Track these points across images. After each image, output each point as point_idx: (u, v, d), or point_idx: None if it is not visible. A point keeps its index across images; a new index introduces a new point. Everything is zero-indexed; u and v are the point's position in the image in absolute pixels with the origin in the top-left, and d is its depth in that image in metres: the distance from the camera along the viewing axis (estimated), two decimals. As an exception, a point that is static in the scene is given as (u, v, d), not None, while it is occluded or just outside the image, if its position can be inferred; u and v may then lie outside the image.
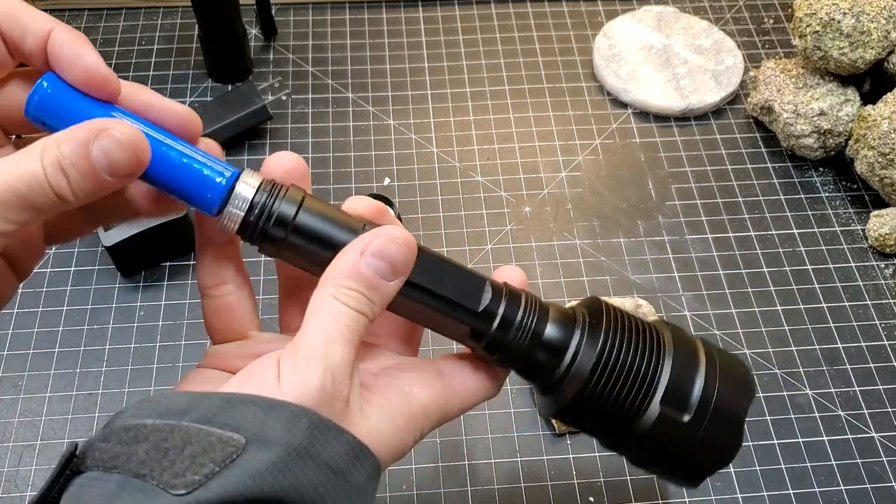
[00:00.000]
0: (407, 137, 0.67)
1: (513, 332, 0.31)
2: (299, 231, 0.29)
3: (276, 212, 0.29)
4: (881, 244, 0.61)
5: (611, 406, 0.31)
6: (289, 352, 0.28)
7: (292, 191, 0.30)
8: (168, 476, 0.24)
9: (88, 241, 0.60)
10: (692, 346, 0.33)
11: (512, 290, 0.32)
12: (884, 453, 0.52)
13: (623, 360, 0.31)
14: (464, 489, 0.50)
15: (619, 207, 0.64)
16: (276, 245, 0.30)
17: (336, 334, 0.28)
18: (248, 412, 0.26)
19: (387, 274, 0.29)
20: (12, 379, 0.54)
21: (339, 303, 0.28)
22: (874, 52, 0.61)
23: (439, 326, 0.32)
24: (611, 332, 0.32)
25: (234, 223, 0.29)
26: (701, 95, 0.69)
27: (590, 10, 0.77)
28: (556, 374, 0.32)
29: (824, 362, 0.56)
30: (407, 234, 0.30)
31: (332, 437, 0.26)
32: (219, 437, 0.25)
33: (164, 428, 0.25)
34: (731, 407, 0.32)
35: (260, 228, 0.29)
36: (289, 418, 0.26)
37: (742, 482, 0.51)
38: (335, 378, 0.27)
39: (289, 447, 0.25)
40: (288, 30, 0.74)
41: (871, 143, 0.60)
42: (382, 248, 0.29)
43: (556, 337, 0.32)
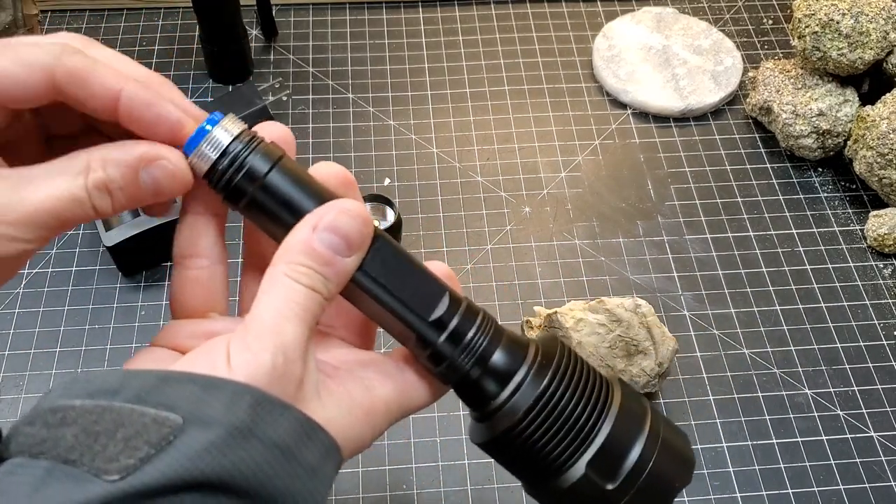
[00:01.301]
0: (407, 138, 0.67)
1: (460, 348, 0.30)
2: (267, 189, 0.28)
3: (247, 164, 0.28)
4: (880, 244, 0.61)
5: (537, 452, 0.30)
6: (240, 332, 0.26)
7: (271, 147, 0.29)
8: (100, 461, 0.23)
9: (90, 242, 0.60)
10: (640, 412, 0.31)
11: (471, 306, 0.31)
12: (882, 453, 0.52)
13: (563, 406, 0.29)
14: (463, 488, 0.50)
15: (618, 207, 0.64)
16: (240, 199, 0.28)
17: (288, 312, 0.26)
18: (185, 391, 0.24)
19: (342, 249, 0.28)
20: (14, 378, 0.54)
21: (291, 280, 0.27)
22: (873, 53, 0.61)
23: (387, 324, 0.30)
24: (557, 376, 0.30)
25: (203, 164, 0.28)
26: (700, 96, 0.69)
27: (589, 10, 0.77)
28: (492, 404, 0.30)
29: (823, 362, 0.56)
30: (361, 207, 0.28)
31: (278, 413, 0.25)
32: (153, 417, 0.23)
33: (95, 409, 0.24)
34: (661, 485, 0.30)
35: (227, 177, 0.28)
36: (230, 396, 0.24)
37: (741, 481, 0.51)
38: (287, 356, 0.26)
39: (230, 426, 0.24)
40: (288, 30, 0.75)
41: (870, 143, 0.60)
42: (335, 222, 0.28)
43: (502, 366, 0.30)
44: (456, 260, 0.60)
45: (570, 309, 0.52)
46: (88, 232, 0.61)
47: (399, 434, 0.52)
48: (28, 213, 0.26)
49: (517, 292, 0.59)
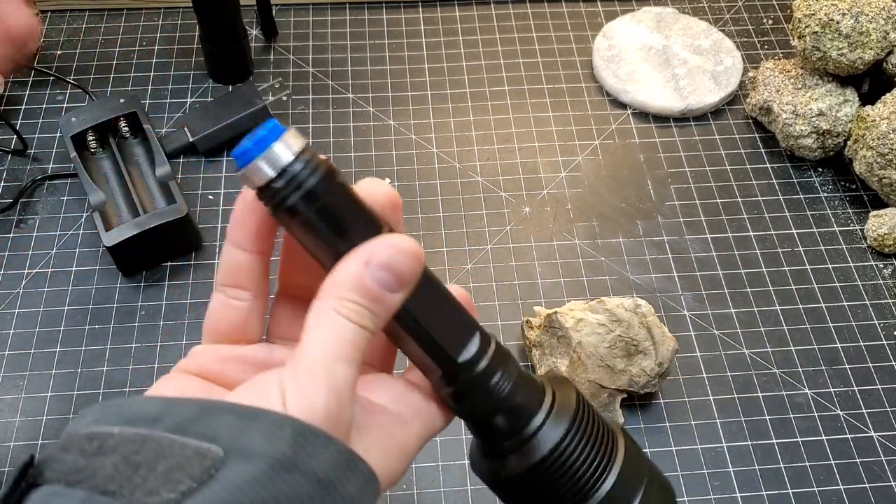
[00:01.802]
0: (407, 138, 0.67)
1: (483, 391, 0.30)
2: (322, 213, 0.27)
3: (305, 185, 0.27)
4: (880, 244, 0.61)
5: (546, 497, 0.30)
6: (290, 370, 0.26)
7: (330, 167, 0.27)
8: (140, 494, 0.22)
9: (89, 242, 0.60)
10: (641, 462, 0.32)
11: (499, 348, 0.31)
12: (882, 453, 0.52)
13: (577, 456, 0.30)
14: (463, 489, 0.50)
15: (618, 207, 0.64)
16: (292, 218, 0.27)
17: (339, 351, 0.26)
18: (224, 421, 0.24)
19: (392, 286, 0.27)
20: (13, 379, 0.54)
21: (341, 317, 0.26)
22: (873, 53, 0.61)
23: (415, 356, 0.30)
24: (575, 423, 0.30)
25: (258, 180, 0.27)
26: (700, 96, 0.69)
27: (589, 10, 0.77)
28: (504, 445, 0.30)
29: (823, 362, 0.56)
30: (415, 245, 0.28)
31: (321, 445, 0.25)
32: (195, 448, 0.23)
33: (135, 438, 0.23)
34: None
35: (282, 196, 0.27)
36: (270, 427, 0.24)
37: (741, 482, 0.51)
38: (340, 399, 0.26)
39: (271, 459, 0.23)
40: (288, 30, 0.75)
41: (870, 143, 0.60)
42: (390, 260, 0.27)
43: (520, 409, 0.30)
44: (456, 260, 0.60)
45: (570, 309, 0.52)
46: (88, 232, 0.61)
47: (399, 434, 0.52)
48: None
49: (517, 292, 0.59)
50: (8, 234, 0.60)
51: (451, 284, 0.31)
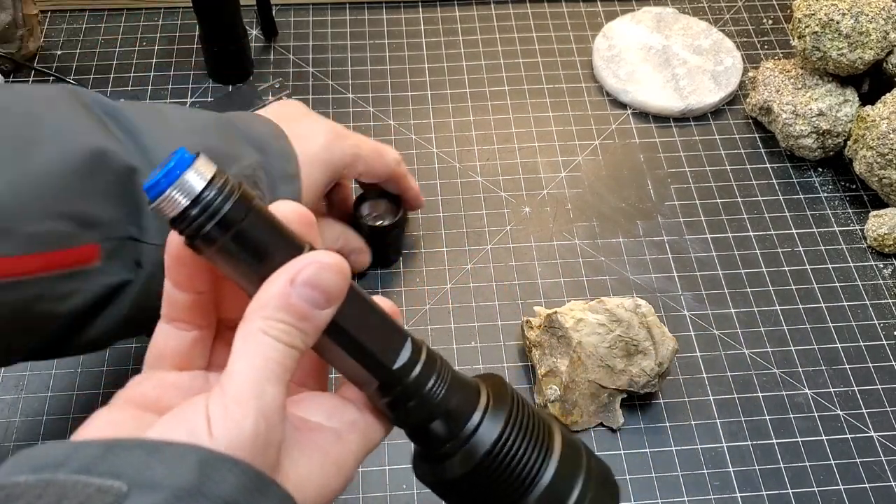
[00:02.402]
0: (407, 138, 0.67)
1: (418, 398, 0.30)
2: (239, 238, 0.27)
3: (220, 212, 0.26)
4: (880, 244, 0.61)
5: (488, 495, 0.31)
6: (217, 395, 0.26)
7: (244, 192, 0.27)
8: None
9: (89, 242, 0.60)
10: (577, 452, 0.32)
11: (430, 353, 0.31)
12: (882, 453, 0.52)
13: (514, 452, 0.30)
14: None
15: (618, 208, 0.64)
16: (210, 246, 0.27)
17: (267, 373, 0.26)
18: (130, 457, 0.24)
19: (319, 303, 0.27)
20: (13, 379, 0.54)
21: (269, 338, 0.26)
22: (873, 53, 0.61)
23: (347, 371, 0.30)
24: (510, 421, 0.31)
25: (171, 209, 0.26)
26: (700, 96, 0.69)
27: (589, 10, 0.77)
28: (444, 447, 0.31)
29: (823, 362, 0.56)
30: (340, 260, 0.27)
31: (227, 470, 0.24)
32: (97, 486, 0.22)
33: (38, 483, 0.23)
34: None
35: (197, 224, 0.26)
36: (173, 458, 0.24)
37: (741, 482, 0.51)
38: (268, 422, 0.25)
39: (175, 488, 0.23)
40: (288, 30, 0.75)
41: (870, 143, 0.60)
42: (315, 277, 0.27)
43: (458, 413, 0.31)
44: (456, 260, 0.60)
45: (570, 309, 0.52)
46: (88, 232, 0.61)
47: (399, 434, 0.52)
48: None
49: (517, 292, 0.59)
50: (8, 234, 0.60)
51: (378, 297, 0.31)
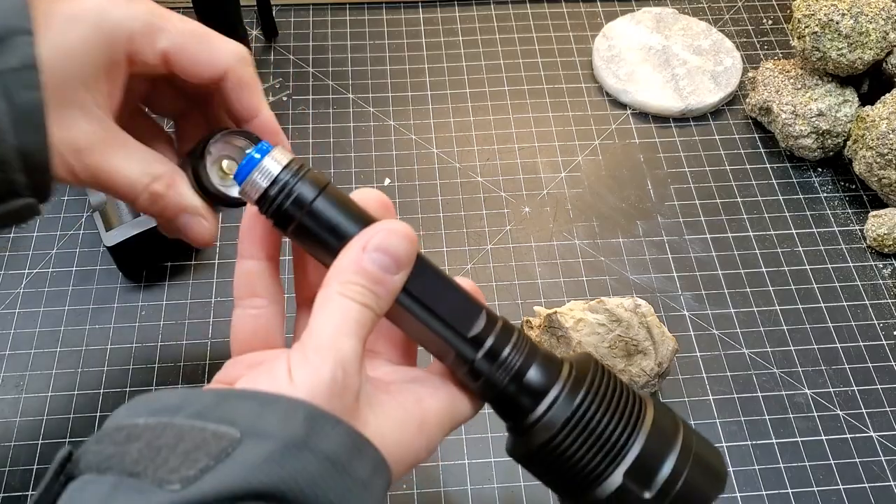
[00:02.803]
0: (407, 138, 0.68)
1: (496, 365, 0.31)
2: (314, 214, 0.30)
3: (295, 191, 0.30)
4: (879, 244, 0.61)
5: (574, 464, 0.31)
6: (298, 348, 0.28)
7: (318, 175, 0.31)
8: (162, 472, 0.24)
9: (90, 242, 0.60)
10: (672, 426, 0.32)
11: (506, 324, 0.32)
12: (882, 453, 0.52)
13: (598, 421, 0.31)
14: (463, 488, 0.50)
15: (618, 208, 0.64)
16: (288, 224, 0.31)
17: (344, 327, 0.28)
18: (244, 407, 0.25)
19: (390, 267, 0.29)
20: (14, 378, 0.54)
21: (345, 298, 0.28)
22: (872, 53, 0.61)
23: (427, 342, 0.32)
24: (592, 391, 0.31)
25: (255, 191, 0.30)
26: (700, 96, 0.69)
27: (589, 11, 0.77)
28: (528, 419, 0.31)
29: (823, 362, 0.56)
30: (408, 228, 0.30)
31: (331, 427, 0.26)
32: (213, 431, 0.25)
33: (157, 426, 0.25)
34: (696, 493, 0.31)
35: (277, 203, 0.30)
36: (285, 410, 0.26)
37: (741, 481, 0.51)
38: (346, 370, 0.27)
39: (285, 439, 0.25)
40: (288, 31, 0.75)
41: (870, 143, 0.60)
42: (384, 243, 0.29)
43: (538, 382, 0.31)
44: (456, 260, 0.60)
45: (569, 309, 0.52)
46: (89, 232, 0.61)
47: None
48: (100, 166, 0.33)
49: (517, 292, 0.59)
50: (8, 235, 0.61)
51: (460, 277, 0.33)
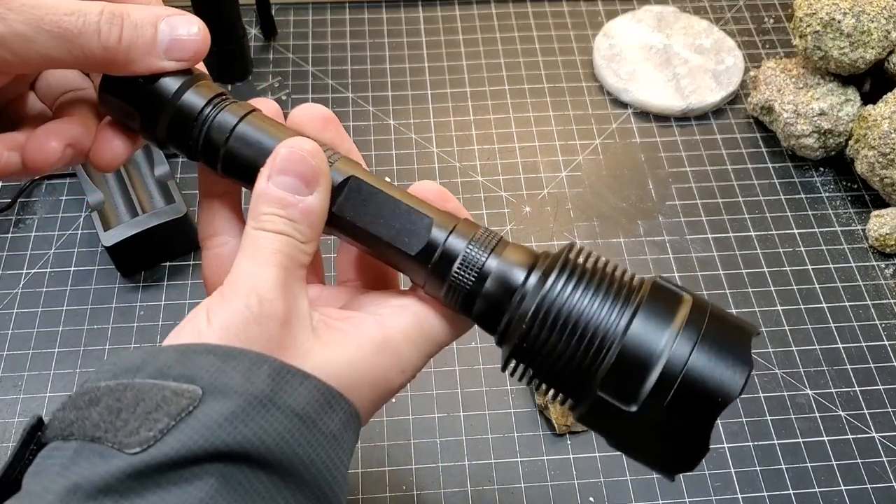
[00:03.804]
0: (407, 137, 0.67)
1: (458, 264, 0.29)
2: (236, 141, 0.29)
3: (216, 122, 0.29)
4: (881, 244, 0.61)
5: (559, 356, 0.27)
6: (218, 290, 0.27)
7: (242, 104, 0.30)
8: (122, 435, 0.23)
9: (88, 242, 0.60)
10: (674, 295, 0.28)
11: (466, 223, 0.30)
12: (884, 453, 0.52)
13: (577, 302, 0.27)
14: (464, 489, 0.50)
15: (619, 207, 0.64)
16: (215, 158, 0.30)
17: (260, 259, 0.27)
18: (205, 362, 0.25)
19: (299, 188, 0.28)
20: (12, 379, 0.54)
21: (259, 231, 0.27)
22: (874, 52, 0.61)
23: (386, 258, 0.30)
24: (566, 272, 0.28)
25: None
26: (701, 95, 0.69)
27: (590, 9, 0.77)
28: (504, 320, 0.28)
29: (825, 362, 0.56)
30: (308, 143, 0.28)
31: (297, 382, 0.25)
32: (173, 389, 0.24)
33: (117, 388, 0.24)
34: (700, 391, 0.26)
35: (201, 137, 0.29)
36: (248, 366, 0.25)
37: (742, 482, 0.51)
38: (261, 297, 0.26)
39: (249, 395, 0.24)
40: (288, 30, 0.74)
41: (872, 142, 0.60)
42: (284, 164, 0.28)
43: (508, 276, 0.28)
44: (456, 260, 0.60)
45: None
46: (87, 232, 0.60)
47: (399, 435, 0.52)
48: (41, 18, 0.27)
49: (517, 292, 0.59)
50: (6, 234, 0.60)
51: (423, 182, 0.32)
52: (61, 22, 0.27)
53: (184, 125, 0.30)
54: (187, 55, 0.29)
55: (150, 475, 0.23)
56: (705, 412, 0.26)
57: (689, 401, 0.26)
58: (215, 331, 0.26)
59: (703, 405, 0.26)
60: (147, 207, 0.58)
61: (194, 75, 0.30)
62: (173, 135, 0.30)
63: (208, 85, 0.30)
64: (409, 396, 0.53)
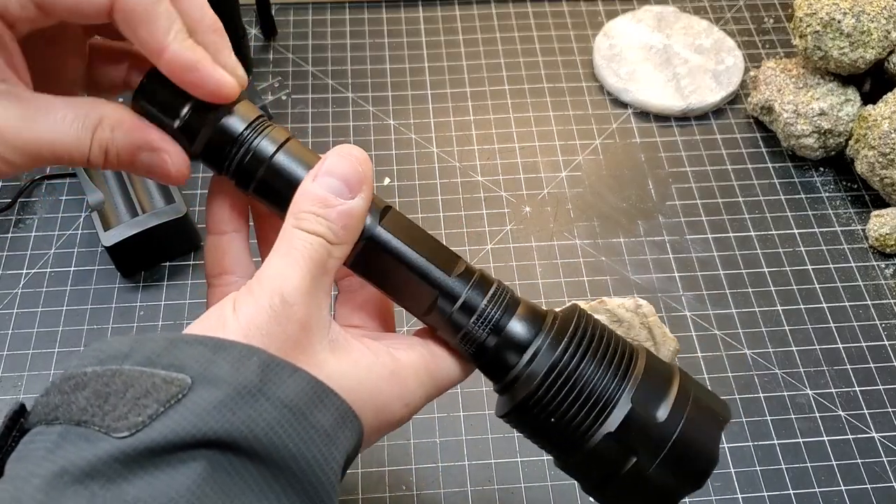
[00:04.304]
0: (407, 137, 0.67)
1: (475, 317, 0.30)
2: (273, 168, 0.29)
3: (254, 147, 0.29)
4: (881, 244, 0.61)
5: (561, 417, 0.29)
6: (247, 284, 0.27)
7: (280, 130, 0.30)
8: (110, 420, 0.23)
9: (88, 242, 0.60)
10: (667, 373, 0.31)
11: (485, 275, 0.31)
12: (884, 453, 0.52)
13: (582, 371, 0.29)
14: (464, 489, 0.50)
15: (619, 207, 0.64)
16: (249, 182, 0.30)
17: (290, 259, 0.27)
18: (195, 352, 0.25)
19: (342, 191, 0.28)
20: (12, 379, 0.54)
21: (296, 230, 0.28)
22: (874, 52, 0.61)
23: (402, 294, 0.31)
24: (575, 341, 0.30)
25: None
26: (701, 95, 0.69)
27: (590, 9, 0.77)
28: (510, 375, 0.30)
29: (825, 362, 0.56)
30: (357, 149, 0.29)
31: (287, 375, 0.25)
32: (162, 377, 0.24)
33: (105, 373, 0.24)
34: (698, 434, 0.30)
35: (237, 160, 0.29)
36: (237, 357, 0.25)
37: (742, 482, 0.50)
38: (285, 298, 0.26)
39: (238, 385, 0.24)
40: (288, 30, 0.74)
41: (872, 142, 0.60)
42: (331, 165, 0.28)
43: (519, 334, 0.30)
44: (456, 260, 0.60)
45: (570, 309, 0.52)
46: (87, 232, 0.60)
47: (399, 435, 0.52)
48: (32, 141, 0.28)
49: (518, 292, 0.59)
50: (6, 234, 0.60)
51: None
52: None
53: (222, 145, 0.30)
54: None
55: (137, 460, 0.23)
56: (690, 469, 0.30)
57: (680, 458, 0.29)
58: (240, 323, 0.26)
59: (691, 463, 0.30)
60: (147, 207, 0.58)
61: None
62: (209, 153, 0.30)
63: (247, 105, 0.30)
64: (409, 396, 0.53)
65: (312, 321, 0.27)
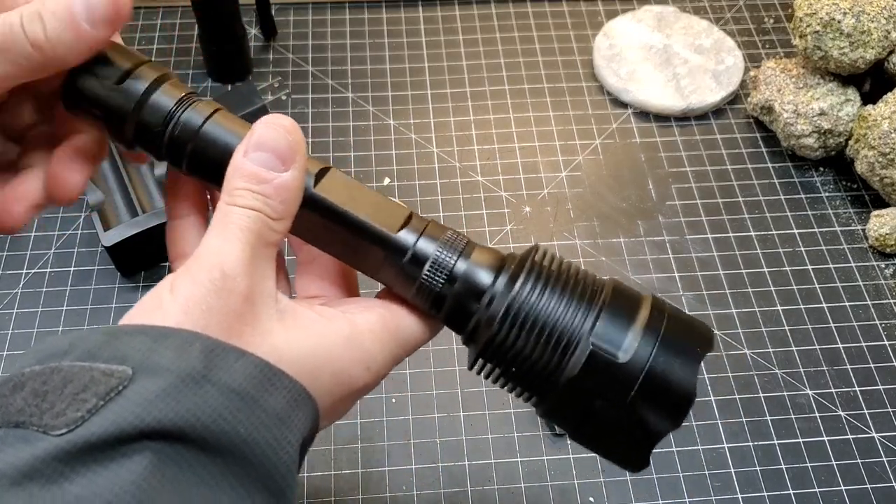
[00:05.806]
0: (407, 137, 0.67)
1: (427, 267, 0.29)
2: (203, 139, 0.29)
3: (182, 121, 0.29)
4: (881, 244, 0.61)
5: (526, 359, 0.28)
6: (183, 266, 0.27)
7: (208, 103, 0.29)
8: (48, 418, 0.22)
9: (88, 242, 0.60)
10: (635, 298, 0.30)
11: (436, 225, 0.30)
12: (884, 453, 0.52)
13: (543, 305, 0.28)
14: (464, 489, 0.50)
15: (619, 207, 0.64)
16: (181, 157, 0.29)
17: (227, 234, 0.26)
18: (136, 342, 0.24)
19: (274, 164, 0.27)
20: (12, 379, 0.54)
21: (231, 206, 0.27)
22: (874, 52, 0.61)
23: (353, 256, 0.30)
24: (533, 275, 0.29)
25: None
26: (701, 95, 0.69)
27: (590, 9, 0.77)
28: (472, 321, 0.29)
29: (825, 362, 0.56)
30: (287, 119, 0.28)
31: (233, 359, 0.25)
32: (102, 370, 0.23)
33: (43, 371, 0.23)
34: (667, 370, 0.28)
35: (167, 137, 0.29)
36: (179, 344, 0.24)
37: (742, 482, 0.51)
38: (225, 272, 0.26)
39: (181, 373, 0.23)
40: (288, 30, 0.74)
41: (872, 142, 0.60)
42: (261, 138, 0.27)
43: (477, 279, 0.29)
44: (456, 260, 0.60)
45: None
46: (87, 232, 0.60)
47: (399, 435, 0.52)
48: None
49: (517, 292, 0.59)
50: (6, 235, 0.60)
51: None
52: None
53: (151, 125, 0.29)
54: (109, 13, 0.28)
55: (77, 457, 0.22)
56: (664, 408, 0.28)
57: (651, 396, 0.28)
58: (178, 302, 0.25)
59: (664, 401, 0.28)
60: (147, 207, 0.58)
61: (162, 75, 0.30)
62: (140, 135, 0.30)
63: (176, 84, 0.30)
64: (409, 396, 0.53)
65: (256, 293, 0.26)
